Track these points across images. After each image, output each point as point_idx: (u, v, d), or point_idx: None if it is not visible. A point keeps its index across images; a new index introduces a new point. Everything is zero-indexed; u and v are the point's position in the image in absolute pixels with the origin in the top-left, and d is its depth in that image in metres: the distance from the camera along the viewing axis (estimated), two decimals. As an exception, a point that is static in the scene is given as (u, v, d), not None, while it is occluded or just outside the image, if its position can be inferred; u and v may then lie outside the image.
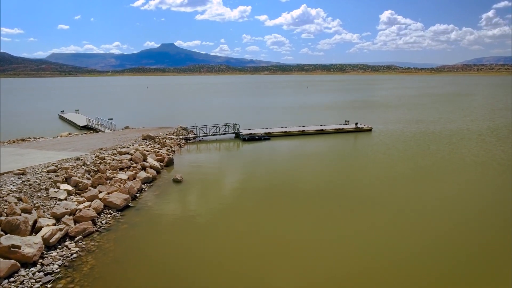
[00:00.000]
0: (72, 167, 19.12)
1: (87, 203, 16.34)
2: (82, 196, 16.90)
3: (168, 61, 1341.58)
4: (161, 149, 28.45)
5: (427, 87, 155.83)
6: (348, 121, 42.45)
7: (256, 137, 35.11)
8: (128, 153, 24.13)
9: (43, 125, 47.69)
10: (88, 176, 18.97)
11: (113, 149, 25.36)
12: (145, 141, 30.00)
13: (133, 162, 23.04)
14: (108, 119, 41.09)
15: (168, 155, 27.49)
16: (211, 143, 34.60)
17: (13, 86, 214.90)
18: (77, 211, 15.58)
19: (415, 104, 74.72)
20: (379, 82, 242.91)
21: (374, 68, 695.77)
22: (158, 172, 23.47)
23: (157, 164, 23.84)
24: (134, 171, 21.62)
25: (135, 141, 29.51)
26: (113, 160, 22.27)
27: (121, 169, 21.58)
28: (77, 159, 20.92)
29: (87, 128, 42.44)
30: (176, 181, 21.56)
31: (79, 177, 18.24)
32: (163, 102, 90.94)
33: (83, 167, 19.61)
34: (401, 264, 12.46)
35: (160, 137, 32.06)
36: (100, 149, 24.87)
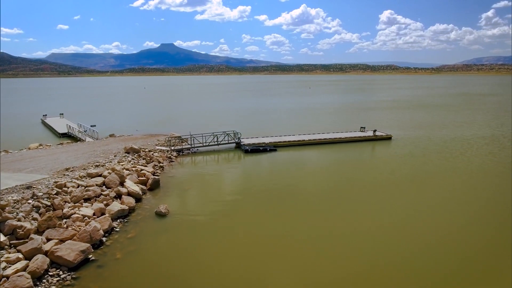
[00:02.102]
0: (14, 203, 13.99)
1: (22, 263, 11.23)
2: (18, 251, 11.79)
3: (167, 61, 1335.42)
4: (146, 166, 23.34)
5: (436, 87, 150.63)
6: (364, 127, 37.27)
7: (261, 148, 29.97)
8: (100, 175, 18.99)
9: (20, 132, 42.55)
10: (36, 215, 13.82)
11: (84, 168, 20.23)
12: (128, 155, 24.85)
13: (105, 189, 17.90)
14: (91, 126, 35.98)
15: (154, 173, 22.41)
16: (207, 155, 29.49)
17: (8, 86, 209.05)
18: (3, 279, 10.46)
19: (430, 105, 69.54)
20: (384, 82, 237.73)
21: (374, 68, 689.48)
22: (139, 199, 18.35)
23: (137, 189, 18.69)
24: (105, 202, 16.50)
25: (115, 155, 24.36)
26: (78, 187, 17.12)
27: (87, 200, 16.43)
28: (28, 187, 15.80)
29: (67, 136, 37.35)
30: (160, 215, 16.44)
31: (20, 219, 13.10)
32: (158, 104, 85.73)
33: (30, 201, 14.46)
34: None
35: (146, 150, 26.92)
36: (67, 169, 19.75)
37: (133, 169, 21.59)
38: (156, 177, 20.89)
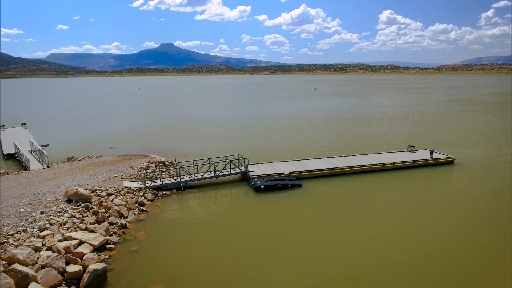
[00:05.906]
0: None
1: None
2: None
3: (167, 61, 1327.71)
4: (94, 229, 13.77)
5: (462, 87, 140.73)
6: (413, 146, 27.74)
7: (278, 183, 20.34)
8: (-26, 281, 9.41)
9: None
10: None
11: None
12: (68, 206, 15.25)
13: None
14: (42, 146, 26.44)
15: (104, 245, 12.90)
16: (201, 193, 19.95)
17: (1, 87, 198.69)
18: None
19: (477, 109, 59.75)
20: (392, 82, 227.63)
21: (375, 67, 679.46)
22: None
23: (47, 311, 9.10)
24: None
25: (43, 211, 14.72)
26: None
27: None
28: None
29: (13, 158, 27.83)
30: None
31: None
32: (149, 109, 76.05)
33: None
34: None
35: (103, 193, 17.26)
36: None
37: (62, 244, 11.99)
38: (100, 266, 11.23)
